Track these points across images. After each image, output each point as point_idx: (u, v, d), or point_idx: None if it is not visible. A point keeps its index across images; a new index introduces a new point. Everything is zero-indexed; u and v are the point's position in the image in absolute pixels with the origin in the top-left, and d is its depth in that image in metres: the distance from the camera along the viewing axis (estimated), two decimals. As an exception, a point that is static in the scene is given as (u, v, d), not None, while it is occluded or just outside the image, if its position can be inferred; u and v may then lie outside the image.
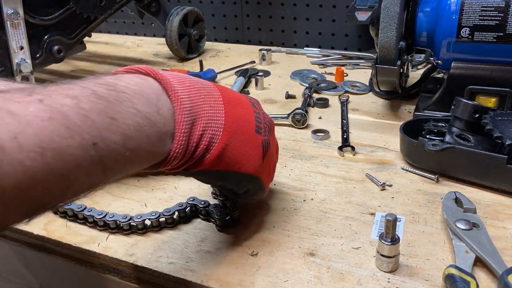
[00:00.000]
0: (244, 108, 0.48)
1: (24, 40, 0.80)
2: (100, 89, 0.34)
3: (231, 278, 0.47)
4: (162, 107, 0.39)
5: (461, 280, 0.43)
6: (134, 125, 0.35)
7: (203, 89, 0.44)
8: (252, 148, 0.47)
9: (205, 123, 0.42)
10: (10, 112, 0.28)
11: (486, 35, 0.70)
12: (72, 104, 0.32)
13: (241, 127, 0.45)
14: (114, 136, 0.34)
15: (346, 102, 0.89)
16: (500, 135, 0.58)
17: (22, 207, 0.29)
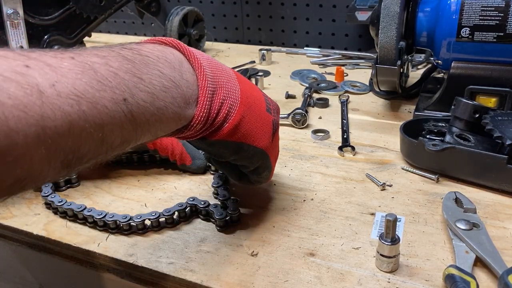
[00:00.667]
0: (255, 90, 0.51)
1: (24, 40, 0.80)
2: (126, 52, 0.36)
3: (231, 278, 0.47)
4: (186, 73, 0.41)
5: (461, 280, 0.43)
6: (160, 86, 0.37)
7: (220, 66, 0.46)
8: (264, 124, 0.50)
9: (225, 93, 0.45)
10: (48, 64, 0.30)
11: (486, 35, 0.70)
12: (101, 62, 0.33)
13: (254, 104, 0.48)
14: (142, 94, 0.35)
15: (346, 102, 0.89)
16: (500, 135, 0.58)
17: (61, 154, 0.30)
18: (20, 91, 0.27)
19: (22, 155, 0.28)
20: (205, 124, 0.43)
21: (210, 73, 0.43)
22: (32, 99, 0.28)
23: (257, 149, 0.49)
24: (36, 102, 0.28)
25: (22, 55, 0.30)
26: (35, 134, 0.28)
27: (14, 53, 0.30)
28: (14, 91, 0.27)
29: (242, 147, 0.48)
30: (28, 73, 0.28)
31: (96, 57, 0.34)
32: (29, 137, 0.27)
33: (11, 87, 0.27)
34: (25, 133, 0.27)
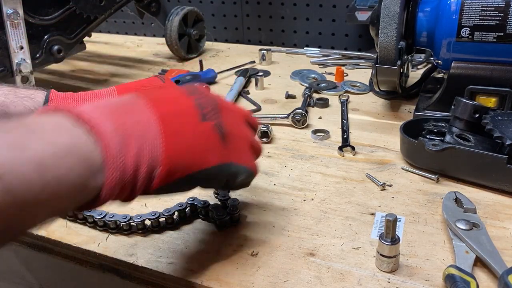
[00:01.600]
0: (180, 102, 0.43)
1: (24, 40, 0.80)
2: (8, 124, 0.32)
3: (231, 278, 0.47)
4: (81, 135, 0.35)
5: (461, 280, 0.43)
6: (50, 154, 0.32)
7: (122, 106, 0.39)
8: (204, 139, 0.43)
9: (138, 139, 0.38)
10: None
11: (486, 35, 0.70)
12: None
13: (182, 125, 0.41)
14: (25, 167, 0.30)
15: (346, 102, 0.89)
16: (500, 135, 0.58)
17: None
18: None
19: None
20: (124, 186, 0.37)
21: (111, 125, 0.36)
22: None
23: (210, 169, 0.43)
24: None
25: None
26: None
27: None
28: None
29: (192, 177, 0.42)
30: None
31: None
32: None
33: None
34: None
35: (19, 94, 0.57)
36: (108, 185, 0.36)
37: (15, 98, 0.56)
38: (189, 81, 0.99)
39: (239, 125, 0.48)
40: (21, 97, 0.57)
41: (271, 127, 0.78)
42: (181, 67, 1.19)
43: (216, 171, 0.44)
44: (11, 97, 0.56)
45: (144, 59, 1.29)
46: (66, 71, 1.21)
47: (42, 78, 1.15)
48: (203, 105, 0.44)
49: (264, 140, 0.75)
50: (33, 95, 0.58)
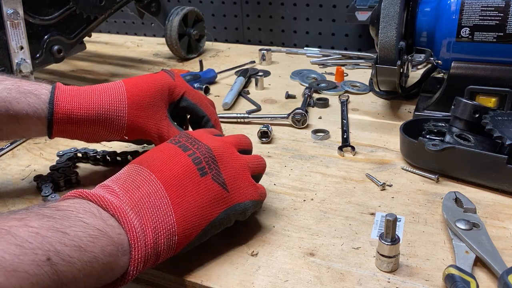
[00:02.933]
0: (179, 163, 0.46)
1: (24, 40, 0.80)
2: (44, 211, 0.35)
3: (231, 278, 0.47)
4: (107, 218, 0.38)
5: (461, 280, 0.43)
6: (86, 236, 0.35)
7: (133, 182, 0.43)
8: (207, 193, 0.46)
9: (153, 216, 0.41)
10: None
11: (486, 35, 0.70)
12: (19, 224, 0.32)
13: (185, 188, 0.45)
14: (68, 249, 0.33)
15: (346, 102, 0.89)
16: (500, 135, 0.58)
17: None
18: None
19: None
20: (147, 261, 0.40)
21: (128, 207, 0.40)
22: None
23: (217, 217, 0.47)
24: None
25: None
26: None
27: None
28: None
29: (204, 230, 0.46)
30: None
31: (14, 221, 0.32)
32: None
33: None
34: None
35: (22, 90, 0.55)
36: (134, 265, 0.39)
37: (18, 94, 0.55)
38: (189, 81, 0.99)
39: (235, 162, 0.50)
40: (24, 93, 0.55)
41: (271, 127, 0.78)
42: (181, 67, 1.19)
43: (223, 216, 0.47)
44: (13, 93, 0.55)
45: (144, 59, 1.29)
46: (66, 71, 1.21)
47: (42, 78, 1.15)
48: (199, 158, 0.47)
49: (264, 140, 0.75)
50: (37, 91, 0.56)
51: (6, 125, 0.55)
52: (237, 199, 0.48)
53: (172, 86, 0.63)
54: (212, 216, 0.46)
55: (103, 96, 0.58)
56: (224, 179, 0.48)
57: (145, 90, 0.61)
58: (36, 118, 0.55)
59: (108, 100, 0.58)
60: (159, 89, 0.62)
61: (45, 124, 0.56)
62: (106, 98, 0.58)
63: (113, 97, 0.59)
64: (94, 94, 0.58)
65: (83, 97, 0.58)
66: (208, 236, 0.47)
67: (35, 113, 0.55)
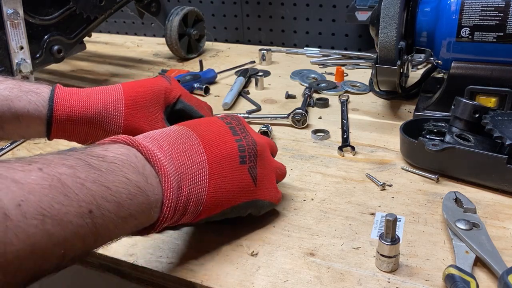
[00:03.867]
0: (227, 144, 0.48)
1: (24, 40, 0.80)
2: (92, 160, 0.36)
3: (231, 278, 0.47)
4: (150, 176, 0.40)
5: (461, 280, 0.43)
6: (127, 194, 0.36)
7: (182, 145, 0.45)
8: (240, 180, 0.48)
9: (190, 184, 0.43)
10: (14, 180, 0.29)
11: (486, 35, 0.70)
12: (69, 172, 0.33)
13: (224, 168, 0.47)
14: (109, 204, 0.34)
15: (346, 102, 0.89)
16: (500, 135, 0.58)
17: (21, 276, 0.29)
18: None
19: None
20: (171, 222, 0.43)
21: (172, 168, 0.42)
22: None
23: (239, 205, 0.49)
24: (0, 228, 0.27)
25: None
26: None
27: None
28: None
29: (224, 213, 0.48)
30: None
31: (64, 167, 0.33)
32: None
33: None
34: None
35: (23, 89, 0.56)
36: (161, 223, 0.41)
37: (19, 92, 0.56)
38: (189, 81, 0.99)
39: (268, 163, 0.53)
40: (25, 92, 0.56)
41: (271, 127, 0.78)
42: (181, 67, 1.19)
43: (243, 206, 0.50)
44: (15, 92, 0.55)
45: (144, 59, 1.29)
46: (66, 71, 1.21)
47: (42, 78, 1.15)
48: (244, 147, 0.49)
49: (264, 140, 0.75)
50: (38, 90, 0.57)
51: (8, 123, 0.56)
52: (260, 196, 0.51)
53: (168, 89, 0.65)
54: (235, 202, 0.48)
55: (101, 96, 0.60)
56: (257, 174, 0.50)
57: (142, 92, 0.62)
58: (36, 116, 0.56)
59: (106, 100, 0.59)
60: (155, 91, 0.63)
61: (44, 122, 0.57)
62: (104, 98, 0.60)
63: (111, 98, 0.60)
64: (93, 94, 0.60)
65: (82, 97, 0.59)
66: (223, 217, 0.49)
67: (36, 110, 0.56)
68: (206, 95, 0.98)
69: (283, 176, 0.57)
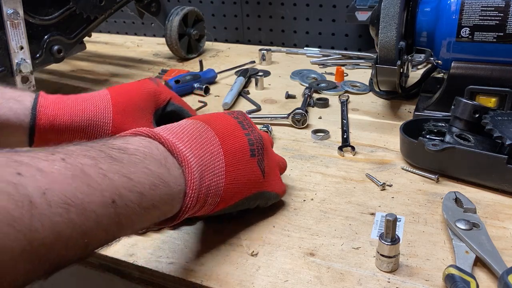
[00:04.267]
0: (238, 138, 0.49)
1: (24, 40, 0.80)
2: (113, 152, 0.36)
3: (231, 278, 0.47)
4: (172, 168, 0.40)
5: (461, 280, 0.43)
6: (149, 184, 0.37)
7: (200, 137, 0.45)
8: (251, 173, 0.50)
9: (210, 175, 0.44)
10: (39, 169, 0.29)
11: (486, 35, 0.70)
12: (91, 163, 0.33)
13: (238, 161, 0.48)
14: (131, 194, 0.35)
15: (346, 102, 0.89)
16: (500, 135, 0.58)
17: (45, 264, 0.29)
18: (11, 204, 0.26)
19: (5, 272, 0.26)
20: (192, 213, 0.44)
21: (194, 160, 0.43)
22: (23, 212, 0.27)
23: (249, 197, 0.50)
24: (26, 215, 0.27)
25: (14, 160, 0.29)
26: (21, 249, 0.26)
27: (6, 158, 0.29)
28: (5, 204, 0.26)
29: (237, 204, 0.50)
30: (20, 182, 0.27)
31: (86, 158, 0.33)
32: (15, 253, 0.26)
33: (2, 200, 0.26)
34: (12, 250, 0.26)
35: (5, 96, 0.54)
36: (183, 213, 0.41)
37: (0, 99, 0.54)
38: (189, 81, 0.99)
39: (272, 156, 0.55)
40: (7, 99, 0.54)
41: (271, 127, 0.78)
42: (181, 67, 1.19)
43: (253, 197, 0.51)
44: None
45: (144, 59, 1.29)
46: (66, 71, 1.21)
47: (42, 78, 1.15)
48: (252, 141, 0.51)
49: (264, 140, 0.75)
50: (20, 97, 0.55)
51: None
52: (267, 187, 0.53)
53: (157, 92, 0.64)
54: (246, 194, 0.50)
55: (87, 103, 0.58)
56: (265, 166, 0.52)
57: (130, 97, 0.61)
58: (18, 125, 0.54)
59: (93, 107, 0.58)
60: (144, 95, 0.62)
61: (26, 132, 0.55)
62: (91, 105, 0.58)
63: (98, 104, 0.58)
64: (79, 102, 0.58)
65: (67, 105, 0.57)
66: (235, 209, 0.51)
67: (17, 119, 0.54)
68: (206, 95, 0.98)
69: (284, 169, 0.59)
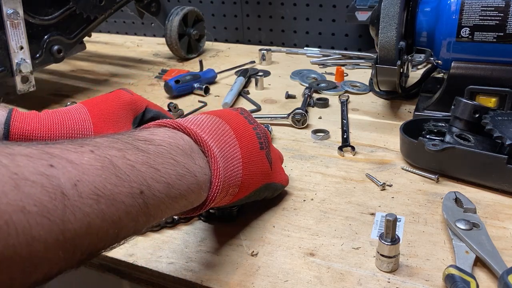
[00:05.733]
0: (248, 131, 0.51)
1: (24, 40, 0.80)
2: (140, 144, 0.37)
3: (231, 278, 0.47)
4: (197, 158, 0.41)
5: (461, 280, 0.43)
6: (176, 174, 0.37)
7: (218, 129, 0.46)
8: (261, 165, 0.51)
9: (231, 166, 0.45)
10: (70, 161, 0.30)
11: (486, 35, 0.70)
12: (119, 155, 0.34)
13: (251, 153, 0.49)
14: (158, 185, 0.35)
15: (346, 102, 0.89)
16: (500, 135, 0.58)
17: (78, 254, 0.30)
18: (45, 196, 0.27)
19: (40, 262, 0.27)
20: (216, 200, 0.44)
21: (218, 150, 0.44)
22: (56, 203, 0.27)
23: (259, 188, 0.51)
24: (59, 206, 0.27)
25: (46, 152, 0.29)
26: (55, 239, 0.27)
27: (38, 150, 0.29)
28: (39, 196, 0.27)
29: (249, 196, 0.50)
30: (52, 174, 0.28)
31: (114, 150, 0.34)
32: (49, 243, 0.27)
33: (36, 193, 0.27)
34: (46, 240, 0.27)
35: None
36: (210, 202, 0.42)
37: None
38: (189, 81, 0.99)
39: (274, 149, 0.57)
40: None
41: (271, 127, 0.78)
42: (181, 67, 1.19)
43: (263, 189, 0.52)
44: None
45: (144, 59, 1.29)
46: (66, 71, 1.21)
47: (42, 78, 1.15)
48: (260, 134, 0.52)
49: (264, 140, 0.75)
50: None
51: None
52: (274, 178, 0.54)
53: (133, 100, 0.63)
54: (258, 185, 0.51)
55: (65, 118, 0.56)
56: (271, 158, 0.53)
57: (107, 106, 0.60)
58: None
59: (71, 119, 0.56)
60: (122, 104, 0.61)
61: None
62: (68, 118, 0.56)
63: (75, 116, 0.57)
64: (55, 117, 0.56)
65: (43, 119, 0.55)
66: (246, 201, 0.52)
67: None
68: (206, 95, 0.98)
69: (282, 160, 0.62)
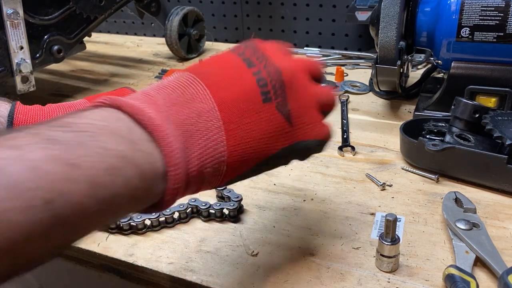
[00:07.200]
0: (240, 81, 0.38)
1: (24, 40, 0.80)
2: (54, 133, 0.28)
3: (231, 278, 0.47)
4: (139, 141, 0.31)
5: (461, 280, 0.43)
6: (105, 168, 0.28)
7: (182, 95, 0.36)
8: (268, 124, 0.38)
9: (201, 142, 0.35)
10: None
11: (486, 35, 0.70)
12: (14, 156, 0.25)
13: (243, 113, 0.37)
14: (76, 186, 0.27)
15: (346, 102, 0.89)
16: (500, 135, 0.58)
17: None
18: None
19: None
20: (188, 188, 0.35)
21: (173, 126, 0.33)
22: None
23: (275, 154, 0.39)
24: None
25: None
26: None
27: None
28: None
29: (258, 166, 0.39)
30: None
31: (10, 151, 0.26)
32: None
33: None
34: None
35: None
36: (170, 193, 0.33)
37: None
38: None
39: (305, 91, 0.41)
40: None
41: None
42: (181, 67, 1.19)
43: (281, 154, 0.40)
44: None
45: (144, 59, 1.29)
46: (66, 71, 1.21)
47: (42, 78, 1.15)
48: (264, 80, 0.38)
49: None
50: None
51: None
52: (300, 136, 0.41)
53: None
54: (269, 152, 0.39)
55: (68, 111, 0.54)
56: (290, 110, 0.39)
57: None
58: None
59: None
60: None
61: None
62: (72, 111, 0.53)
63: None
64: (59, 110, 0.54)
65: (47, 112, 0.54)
66: (260, 173, 0.41)
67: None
68: (206, 95, 0.98)
69: (332, 103, 0.45)
